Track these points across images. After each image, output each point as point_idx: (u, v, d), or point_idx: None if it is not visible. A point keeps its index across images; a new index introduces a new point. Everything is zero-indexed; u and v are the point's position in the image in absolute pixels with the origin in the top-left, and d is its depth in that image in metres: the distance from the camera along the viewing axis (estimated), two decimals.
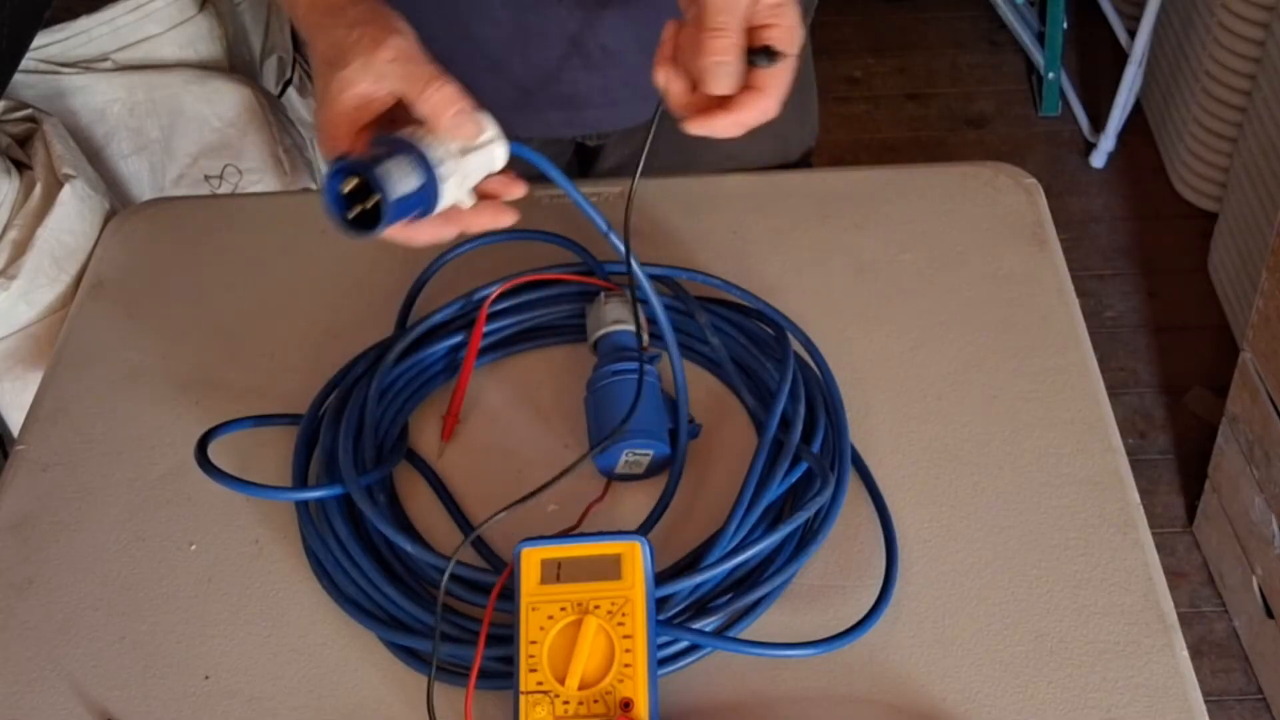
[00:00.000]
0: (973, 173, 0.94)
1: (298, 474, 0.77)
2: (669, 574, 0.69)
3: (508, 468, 0.78)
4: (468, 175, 0.68)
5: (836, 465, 0.74)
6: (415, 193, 0.65)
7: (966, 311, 0.85)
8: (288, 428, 0.80)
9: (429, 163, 0.65)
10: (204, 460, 0.74)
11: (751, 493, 0.72)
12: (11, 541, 0.77)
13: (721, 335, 0.81)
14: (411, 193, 0.65)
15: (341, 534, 0.72)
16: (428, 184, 0.65)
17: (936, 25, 2.59)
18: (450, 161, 0.67)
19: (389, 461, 0.76)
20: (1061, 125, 2.37)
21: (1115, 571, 0.71)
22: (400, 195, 0.64)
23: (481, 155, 0.68)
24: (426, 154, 0.66)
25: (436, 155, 0.66)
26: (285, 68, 1.76)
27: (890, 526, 0.73)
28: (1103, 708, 0.66)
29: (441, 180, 0.66)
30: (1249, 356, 1.53)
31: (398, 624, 0.70)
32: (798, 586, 0.71)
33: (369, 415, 0.77)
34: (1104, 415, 0.79)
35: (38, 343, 1.17)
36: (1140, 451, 1.86)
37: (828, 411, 0.77)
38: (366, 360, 0.82)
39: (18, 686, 0.70)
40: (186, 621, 0.72)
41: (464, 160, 0.67)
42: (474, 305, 0.83)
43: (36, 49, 1.35)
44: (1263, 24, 1.87)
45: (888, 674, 0.67)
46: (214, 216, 0.97)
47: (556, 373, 0.82)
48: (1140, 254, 2.14)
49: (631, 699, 0.61)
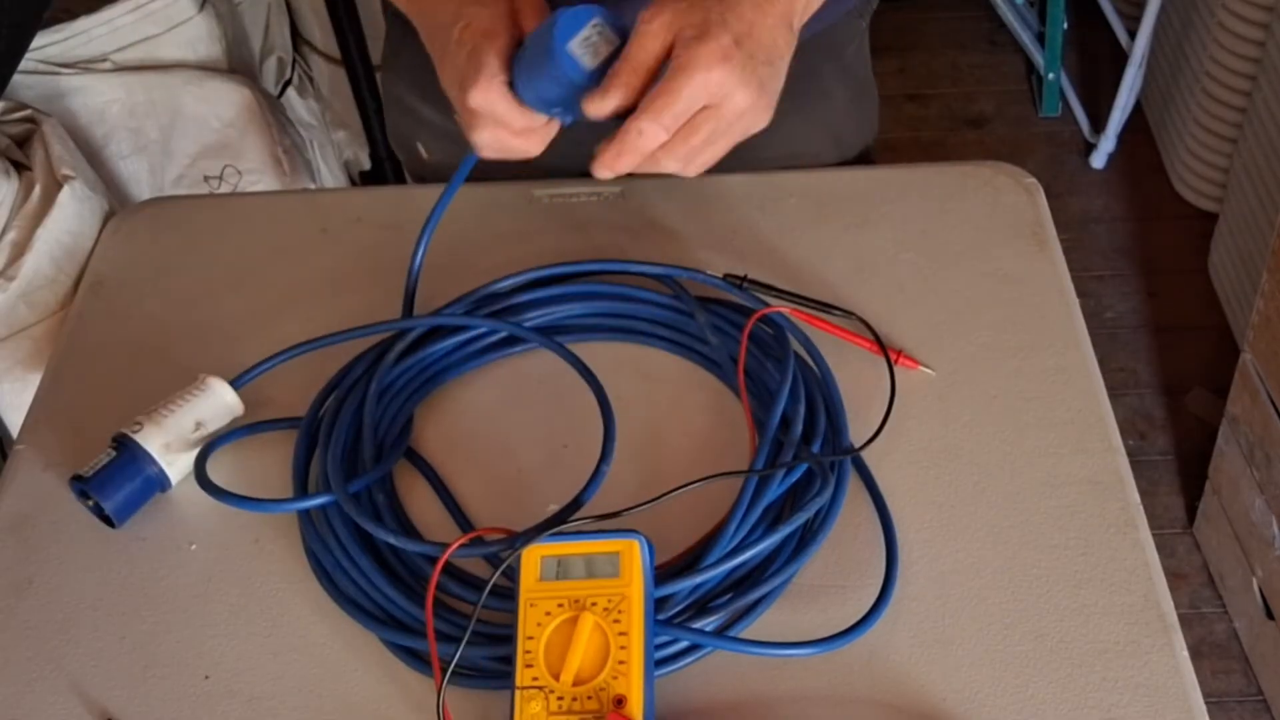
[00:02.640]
0: (973, 173, 0.94)
1: (298, 478, 0.77)
2: (669, 573, 0.69)
3: (509, 467, 0.78)
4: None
5: (836, 465, 0.74)
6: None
7: (966, 311, 0.85)
8: (274, 442, 0.80)
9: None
10: (203, 477, 0.75)
11: (751, 493, 0.72)
12: (11, 541, 0.76)
13: (721, 335, 0.81)
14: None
15: (341, 534, 0.72)
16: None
17: (936, 25, 2.59)
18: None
19: (386, 461, 0.76)
20: (1061, 125, 2.37)
21: (1115, 571, 0.71)
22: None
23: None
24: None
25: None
26: (285, 68, 1.76)
27: (890, 527, 0.73)
28: (1103, 708, 0.66)
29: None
30: (1249, 357, 1.53)
31: (397, 624, 0.69)
32: (797, 586, 0.71)
33: (368, 416, 0.77)
34: (1104, 415, 0.79)
35: (37, 343, 1.17)
36: (1140, 452, 1.86)
37: (828, 411, 0.77)
38: (366, 361, 0.82)
39: (18, 686, 0.70)
40: (186, 621, 0.72)
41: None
42: (482, 301, 0.83)
43: (36, 49, 1.35)
44: (1263, 24, 1.87)
45: (887, 674, 0.67)
46: (214, 216, 0.97)
47: (558, 373, 0.82)
48: (1140, 254, 2.14)
49: (625, 695, 0.61)
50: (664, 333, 0.84)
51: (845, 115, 1.02)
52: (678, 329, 0.84)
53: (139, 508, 0.76)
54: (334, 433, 0.77)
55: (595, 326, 0.85)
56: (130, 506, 0.76)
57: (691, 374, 0.82)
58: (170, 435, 0.77)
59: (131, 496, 0.76)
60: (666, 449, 0.79)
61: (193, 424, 0.78)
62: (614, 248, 0.89)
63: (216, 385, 0.79)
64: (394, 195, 0.98)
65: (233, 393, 0.80)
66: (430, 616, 0.66)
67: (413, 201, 0.95)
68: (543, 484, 0.76)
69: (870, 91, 1.05)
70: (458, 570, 0.71)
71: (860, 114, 1.04)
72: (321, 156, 1.79)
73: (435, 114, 0.99)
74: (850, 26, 0.99)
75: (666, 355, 0.84)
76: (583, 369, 0.77)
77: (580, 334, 0.84)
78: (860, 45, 1.02)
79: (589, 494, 0.71)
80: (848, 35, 0.99)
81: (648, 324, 0.84)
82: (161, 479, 0.77)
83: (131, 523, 0.77)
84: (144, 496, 0.76)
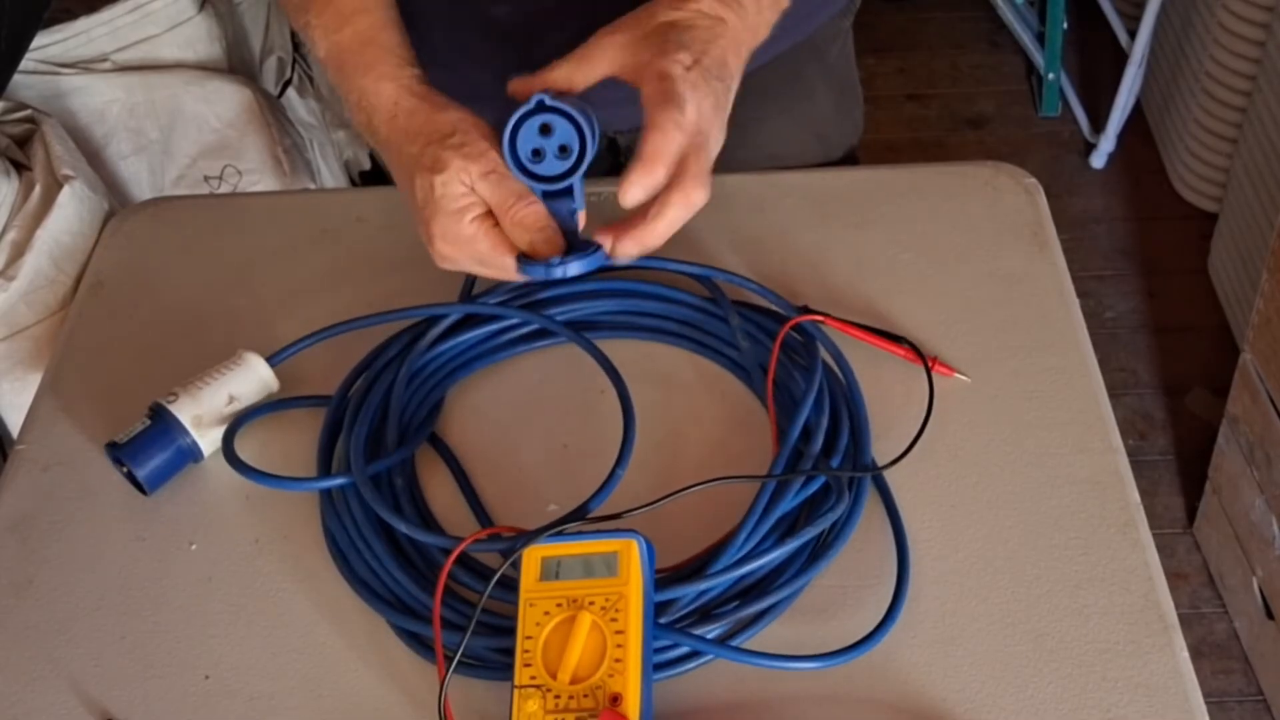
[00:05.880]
0: (973, 173, 0.94)
1: (322, 458, 0.78)
2: (674, 578, 0.69)
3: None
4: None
5: (855, 481, 0.73)
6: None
7: (966, 311, 0.85)
8: (302, 420, 0.80)
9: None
10: (229, 451, 0.76)
11: (766, 502, 0.71)
12: (11, 541, 0.77)
13: (750, 340, 0.81)
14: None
15: (357, 516, 0.73)
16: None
17: (936, 25, 2.59)
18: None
19: (408, 447, 0.77)
20: (1061, 125, 2.37)
21: (1115, 571, 0.71)
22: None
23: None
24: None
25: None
26: (285, 68, 1.76)
27: (904, 544, 0.72)
28: (1103, 708, 0.66)
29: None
30: (1249, 357, 1.53)
31: (406, 609, 0.70)
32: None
33: (395, 400, 0.78)
34: (1104, 415, 0.79)
35: (37, 343, 1.17)
36: (1140, 452, 1.86)
37: (852, 425, 0.77)
38: (397, 345, 0.82)
39: (18, 686, 0.70)
40: (186, 621, 0.72)
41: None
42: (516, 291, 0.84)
43: (36, 49, 1.35)
44: (1263, 24, 1.87)
45: (887, 674, 0.67)
46: (214, 216, 0.97)
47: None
48: (1140, 254, 2.14)
49: (621, 694, 0.61)
50: (692, 334, 0.84)
51: (829, 116, 1.02)
52: (706, 331, 0.84)
53: (171, 477, 0.77)
54: (360, 414, 0.78)
55: (626, 324, 0.85)
56: (162, 475, 0.77)
57: (717, 378, 0.82)
58: (202, 407, 0.78)
59: (164, 466, 0.77)
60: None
61: (226, 398, 0.79)
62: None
63: (253, 360, 0.80)
64: (394, 195, 0.98)
65: (268, 368, 0.80)
66: (438, 607, 0.66)
67: None
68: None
69: (855, 92, 1.05)
70: (469, 560, 0.72)
71: (845, 114, 1.03)
72: (321, 156, 1.79)
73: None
74: (834, 27, 0.99)
75: (693, 357, 0.84)
76: (610, 369, 0.77)
77: (609, 331, 0.84)
78: (844, 46, 1.02)
79: (603, 495, 0.71)
80: (831, 36, 0.99)
81: (677, 324, 0.84)
82: (194, 450, 0.78)
83: (132, 522, 0.77)
84: (176, 466, 0.77)
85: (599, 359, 0.78)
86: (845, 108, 1.03)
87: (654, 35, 0.71)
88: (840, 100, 1.02)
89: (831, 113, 1.02)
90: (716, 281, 0.84)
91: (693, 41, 0.70)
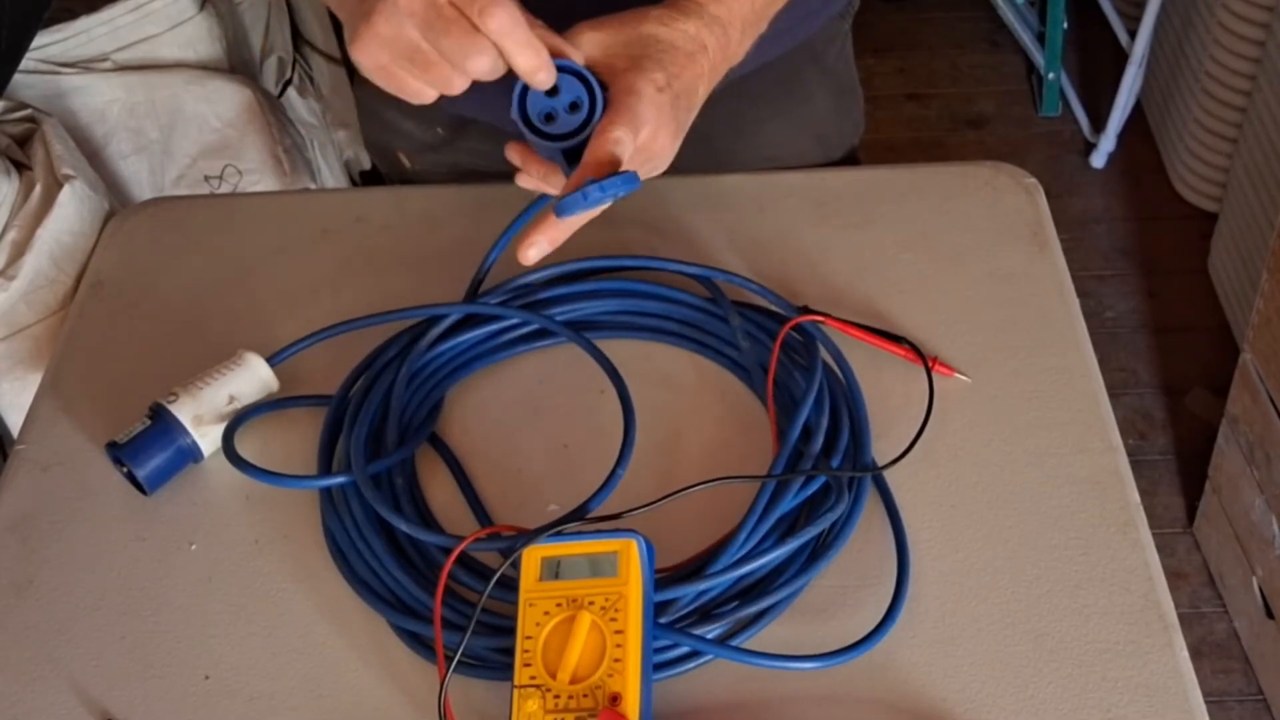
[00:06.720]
0: (973, 173, 0.94)
1: (323, 457, 0.78)
2: (674, 578, 0.69)
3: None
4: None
5: (855, 481, 0.74)
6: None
7: (966, 311, 0.85)
8: (302, 420, 0.80)
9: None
10: (229, 449, 0.76)
11: (766, 502, 0.71)
12: (11, 541, 0.77)
13: (749, 339, 0.81)
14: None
15: (357, 515, 0.73)
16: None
17: (936, 25, 2.59)
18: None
19: (408, 446, 0.77)
20: (1061, 125, 2.37)
21: (1115, 571, 0.71)
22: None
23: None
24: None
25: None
26: (285, 68, 1.76)
27: (904, 544, 0.72)
28: (1103, 708, 0.66)
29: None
30: (1249, 357, 1.53)
31: (406, 609, 0.70)
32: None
33: (395, 399, 0.78)
34: (1104, 415, 0.79)
35: (38, 343, 1.17)
36: (1140, 452, 1.86)
37: (852, 425, 0.77)
38: (397, 345, 0.82)
39: (18, 686, 0.70)
40: (186, 621, 0.72)
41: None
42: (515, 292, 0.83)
43: (36, 49, 1.35)
44: (1263, 24, 1.87)
45: (887, 674, 0.67)
46: (214, 216, 0.97)
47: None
48: (1140, 254, 2.14)
49: (620, 693, 0.61)
50: (692, 334, 0.84)
51: (829, 117, 1.02)
52: (706, 331, 0.83)
53: (171, 477, 0.77)
54: (360, 414, 0.78)
55: (626, 324, 0.85)
56: (162, 475, 0.77)
57: (717, 378, 0.82)
58: (203, 407, 0.78)
59: (164, 466, 0.77)
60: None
61: (226, 398, 0.79)
62: (619, 245, 0.88)
63: (253, 360, 0.80)
64: (394, 195, 0.98)
65: (268, 368, 0.80)
66: (438, 607, 0.66)
67: (413, 201, 0.96)
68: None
69: (854, 92, 1.05)
70: (469, 559, 0.72)
71: (844, 115, 1.03)
72: (322, 156, 1.80)
73: (415, 126, 0.99)
74: (832, 29, 0.99)
75: (693, 356, 0.84)
76: (610, 369, 0.77)
77: (610, 331, 0.84)
78: (843, 47, 1.02)
79: (603, 495, 0.71)
80: (829, 38, 0.99)
81: (676, 324, 0.84)
82: (194, 450, 0.78)
83: (132, 522, 0.77)
84: (176, 466, 0.77)
85: (599, 359, 0.78)
86: (844, 109, 1.03)
87: (634, 44, 0.70)
88: (839, 101, 1.02)
89: (830, 114, 1.02)
90: (717, 282, 0.84)
91: (671, 63, 0.70)
